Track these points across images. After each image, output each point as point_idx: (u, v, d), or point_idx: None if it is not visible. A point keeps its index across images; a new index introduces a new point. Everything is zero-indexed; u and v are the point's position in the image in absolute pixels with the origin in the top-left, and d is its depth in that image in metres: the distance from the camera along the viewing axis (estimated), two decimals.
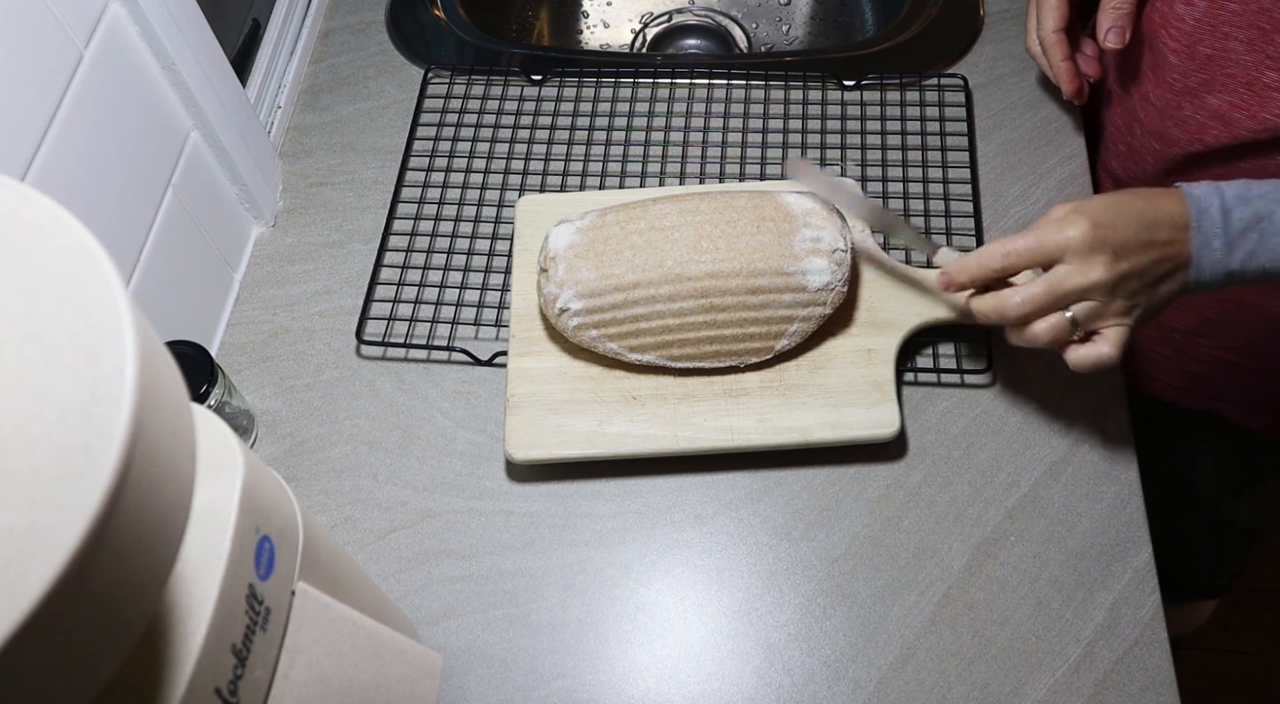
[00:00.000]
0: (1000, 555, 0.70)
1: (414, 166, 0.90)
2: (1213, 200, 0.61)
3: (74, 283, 0.29)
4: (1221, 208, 0.60)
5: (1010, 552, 0.70)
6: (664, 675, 0.67)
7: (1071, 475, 0.73)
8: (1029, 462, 0.73)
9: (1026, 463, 0.73)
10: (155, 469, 0.28)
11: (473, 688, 0.67)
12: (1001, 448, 0.74)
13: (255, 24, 0.92)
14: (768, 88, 0.93)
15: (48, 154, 0.61)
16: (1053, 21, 0.82)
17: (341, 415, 0.78)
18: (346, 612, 0.47)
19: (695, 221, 0.73)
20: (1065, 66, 0.83)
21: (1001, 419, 0.75)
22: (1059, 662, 0.66)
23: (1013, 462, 0.73)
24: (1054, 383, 0.76)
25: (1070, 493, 0.72)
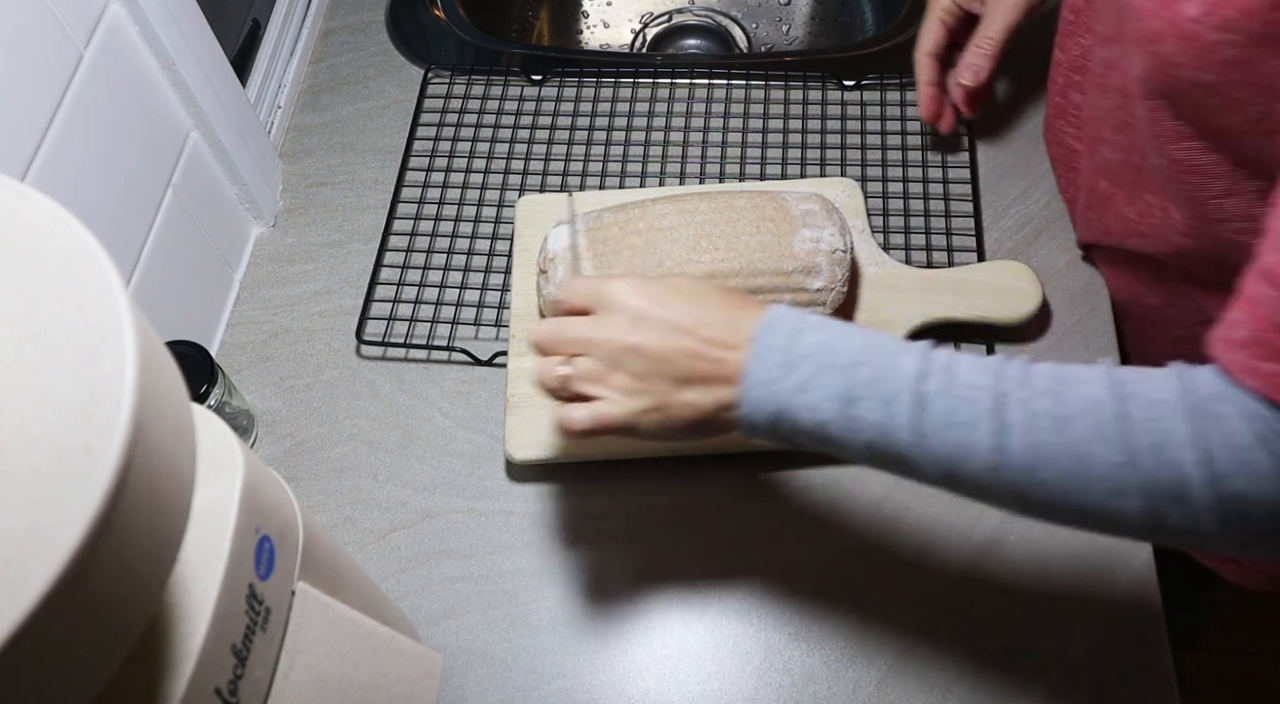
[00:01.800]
0: (1000, 555, 0.70)
1: (414, 166, 0.90)
2: (789, 318, 0.53)
3: (74, 283, 0.29)
4: (795, 328, 0.52)
5: (1010, 552, 0.70)
6: (664, 675, 0.67)
7: None
8: None
9: None
10: (155, 469, 0.28)
11: (473, 688, 0.67)
12: None
13: (255, 24, 0.92)
14: (768, 88, 0.93)
15: (48, 154, 0.61)
16: (925, 44, 0.82)
17: (341, 415, 0.78)
18: (346, 612, 0.47)
19: (695, 222, 0.73)
20: (926, 91, 0.83)
21: None
22: (1059, 662, 0.66)
23: None
24: None
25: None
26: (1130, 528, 0.47)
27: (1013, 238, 0.83)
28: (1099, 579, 0.69)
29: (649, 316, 0.54)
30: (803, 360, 0.51)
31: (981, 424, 0.47)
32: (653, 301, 0.54)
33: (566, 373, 0.55)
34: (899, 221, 0.84)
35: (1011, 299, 0.76)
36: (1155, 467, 0.44)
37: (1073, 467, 0.45)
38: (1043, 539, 0.70)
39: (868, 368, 0.50)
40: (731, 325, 0.53)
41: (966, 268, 0.78)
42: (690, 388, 0.53)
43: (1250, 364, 0.43)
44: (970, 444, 0.47)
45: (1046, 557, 0.70)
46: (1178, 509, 0.44)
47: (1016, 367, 0.48)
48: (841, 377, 0.50)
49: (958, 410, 0.47)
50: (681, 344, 0.53)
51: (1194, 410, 0.44)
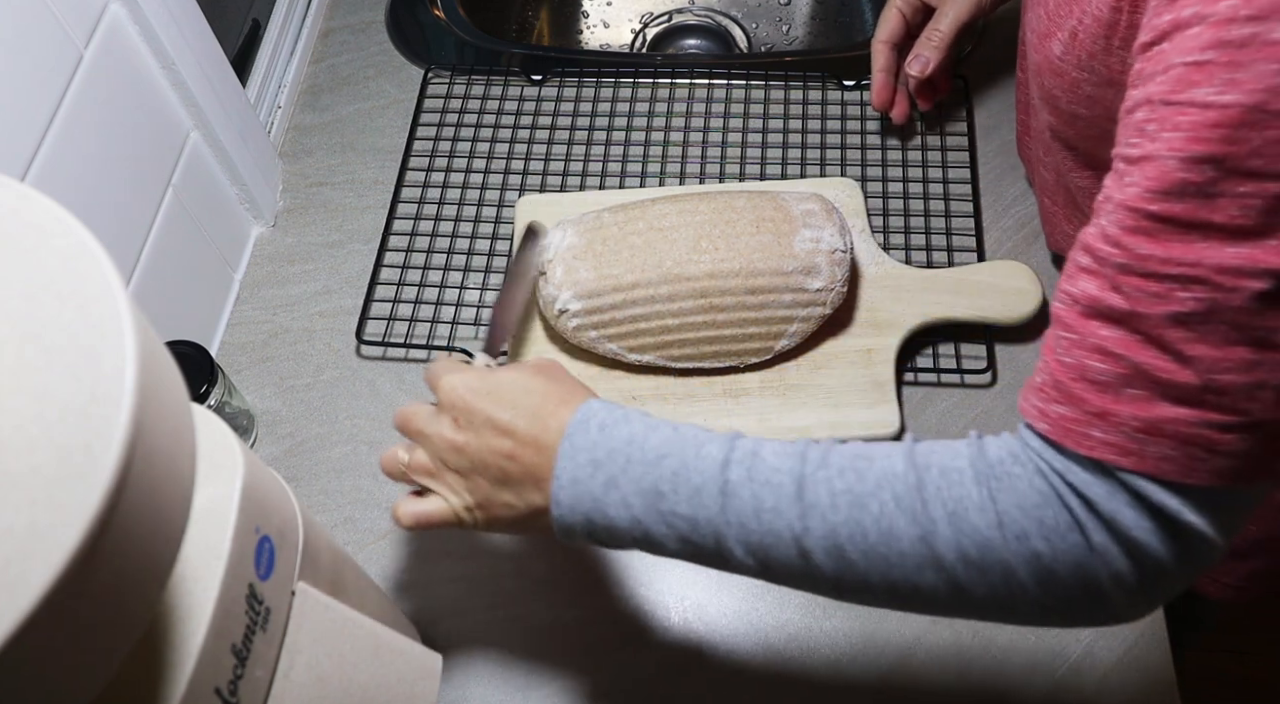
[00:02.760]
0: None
1: (414, 166, 0.90)
2: (599, 413, 0.51)
3: (74, 283, 0.29)
4: (603, 423, 0.51)
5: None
6: (664, 676, 0.67)
7: None
8: None
9: None
10: (155, 469, 0.28)
11: (473, 688, 0.67)
12: None
13: (255, 24, 0.92)
14: (768, 88, 0.93)
15: (48, 154, 0.61)
16: (881, 32, 0.84)
17: (341, 415, 0.78)
18: (346, 612, 0.47)
19: (694, 222, 0.73)
20: (878, 77, 0.85)
21: (1002, 419, 0.75)
22: (1059, 662, 0.66)
23: None
24: None
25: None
26: (940, 603, 0.46)
27: (1013, 238, 0.83)
28: None
29: (472, 416, 0.53)
30: (610, 456, 0.49)
31: (785, 510, 0.46)
32: (478, 399, 0.53)
33: (405, 461, 0.56)
34: (899, 221, 0.84)
35: (1011, 299, 0.76)
36: (955, 534, 0.43)
37: (878, 543, 0.45)
38: None
39: (674, 459, 0.48)
40: (545, 425, 0.51)
41: (966, 268, 0.78)
42: (507, 489, 0.52)
43: (1041, 407, 0.43)
44: (777, 531, 0.46)
45: None
46: (982, 577, 0.43)
47: (820, 447, 0.48)
48: (648, 471, 0.49)
49: (763, 497, 0.47)
50: (498, 445, 0.52)
51: (983, 474, 0.44)
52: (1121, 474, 0.41)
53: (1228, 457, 0.39)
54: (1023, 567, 0.43)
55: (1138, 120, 0.40)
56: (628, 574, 0.71)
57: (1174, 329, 0.38)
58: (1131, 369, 0.40)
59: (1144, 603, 0.44)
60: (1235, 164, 0.36)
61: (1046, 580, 0.43)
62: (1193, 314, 0.38)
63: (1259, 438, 0.39)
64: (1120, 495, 0.41)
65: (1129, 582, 0.42)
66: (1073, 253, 0.43)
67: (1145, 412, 0.40)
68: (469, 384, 0.54)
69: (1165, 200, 0.38)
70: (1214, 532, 0.41)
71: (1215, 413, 0.39)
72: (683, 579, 0.70)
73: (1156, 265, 0.38)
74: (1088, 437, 0.41)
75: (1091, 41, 0.51)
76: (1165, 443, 0.40)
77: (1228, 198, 0.36)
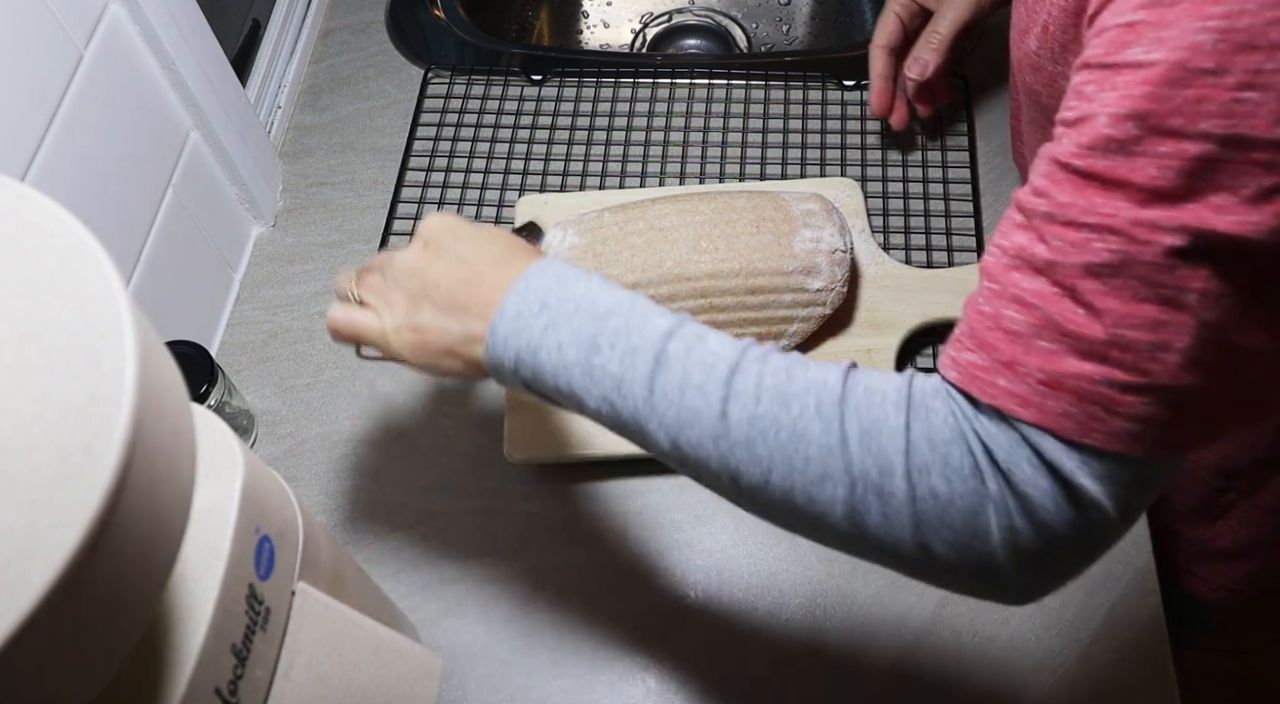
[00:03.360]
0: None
1: (414, 166, 0.90)
2: (562, 267, 0.52)
3: (74, 283, 0.29)
4: (561, 275, 0.51)
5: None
6: (664, 676, 0.67)
7: None
8: None
9: None
10: (155, 469, 0.28)
11: (473, 688, 0.67)
12: None
13: (255, 24, 0.92)
14: (768, 88, 0.93)
15: (48, 154, 0.61)
16: (879, 37, 0.83)
17: (341, 415, 0.78)
18: (346, 612, 0.47)
19: (695, 222, 0.73)
20: (877, 83, 0.84)
21: None
22: (1059, 662, 0.66)
23: None
24: None
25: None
26: (831, 524, 0.45)
27: None
28: (1099, 579, 0.69)
29: (442, 247, 0.54)
30: (560, 302, 0.49)
31: (711, 390, 0.46)
32: (452, 235, 0.54)
33: (350, 277, 0.57)
34: (899, 221, 0.84)
35: None
36: (862, 452, 0.43)
37: (788, 442, 0.44)
38: None
39: (620, 319, 0.48)
40: (510, 265, 0.52)
41: (966, 268, 0.78)
42: (449, 315, 0.52)
43: (954, 356, 0.43)
44: (697, 410, 0.46)
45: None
46: (876, 505, 0.43)
47: (766, 348, 0.47)
48: (591, 322, 0.48)
49: (692, 374, 0.46)
50: (456, 273, 0.53)
51: (908, 401, 0.44)
52: (1021, 426, 0.41)
53: (1127, 419, 0.39)
54: (918, 503, 0.42)
55: (1076, 83, 0.40)
56: (628, 574, 0.71)
57: (1088, 280, 0.39)
58: (1044, 320, 0.40)
59: (1034, 573, 0.43)
60: (1157, 122, 0.36)
61: (938, 522, 0.42)
62: (1106, 265, 0.38)
63: (1160, 404, 0.39)
64: (1020, 450, 0.41)
65: (1021, 541, 0.42)
66: (1007, 211, 0.44)
67: (1051, 364, 0.40)
68: (454, 221, 0.55)
69: (1090, 156, 0.38)
70: (1110, 503, 0.41)
71: (1118, 370, 0.39)
72: (683, 580, 0.71)
73: (1077, 214, 0.39)
74: (993, 385, 0.41)
75: (1061, 32, 0.51)
76: (1066, 397, 0.40)
77: (1148, 157, 0.37)
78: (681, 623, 0.69)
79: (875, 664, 0.67)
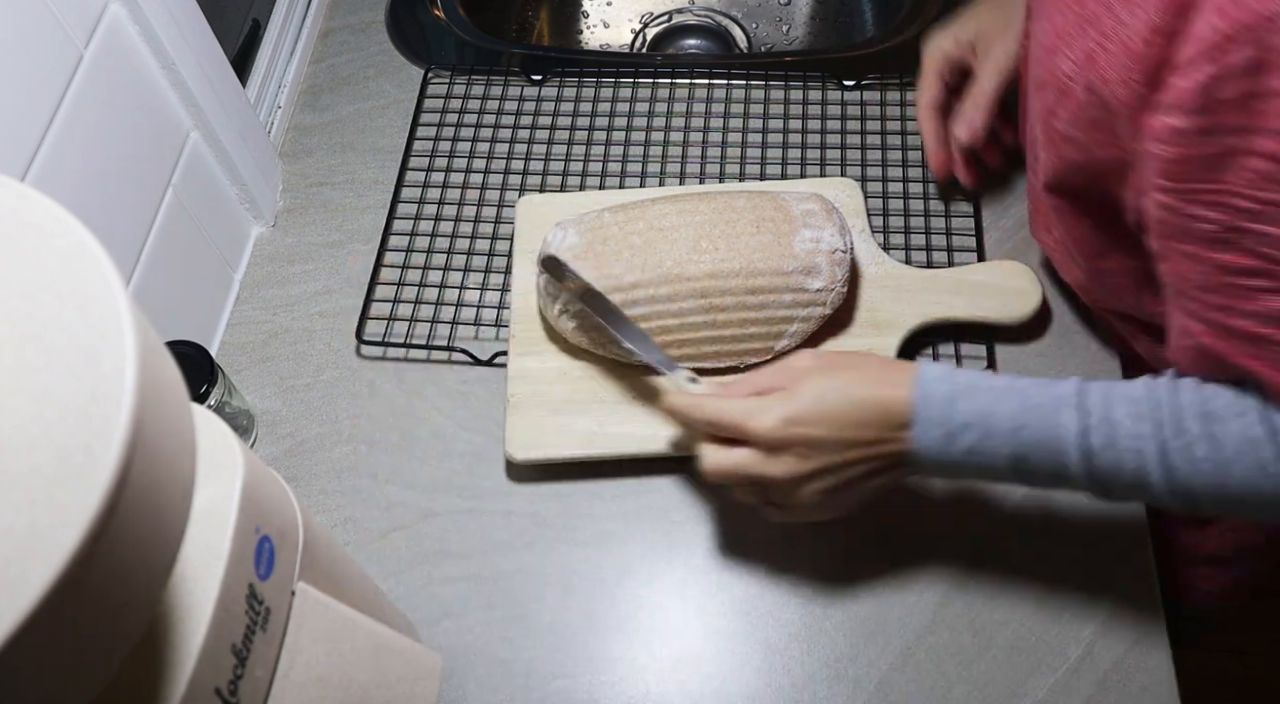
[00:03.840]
0: (1001, 555, 0.70)
1: (414, 166, 0.90)
2: (940, 387, 0.57)
3: (74, 283, 0.29)
4: (948, 396, 0.56)
5: (1011, 551, 0.70)
6: (664, 675, 0.67)
7: None
8: None
9: None
10: (155, 469, 0.28)
11: (473, 688, 0.67)
12: None
13: (255, 24, 0.92)
14: (768, 88, 0.93)
15: (48, 154, 0.61)
16: (924, 98, 0.81)
17: (341, 415, 0.78)
18: (346, 612, 0.47)
19: (694, 222, 0.73)
20: (931, 145, 0.81)
21: None
22: (1059, 662, 0.66)
23: None
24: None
25: (1071, 492, 0.72)
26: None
27: (1013, 238, 0.83)
28: (1099, 579, 0.69)
29: (805, 442, 0.57)
30: (964, 429, 0.56)
31: (1149, 473, 0.52)
32: (798, 427, 0.57)
33: (757, 504, 0.63)
34: (899, 221, 0.84)
35: (1011, 299, 0.76)
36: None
37: (1240, 497, 0.51)
38: (1043, 540, 0.70)
39: (1030, 431, 0.55)
40: (887, 415, 0.57)
41: (966, 268, 0.78)
42: (875, 477, 0.59)
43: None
44: (1141, 487, 0.53)
45: (1047, 557, 0.70)
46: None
47: (1168, 411, 0.52)
48: (1007, 441, 0.55)
49: (1124, 461, 0.53)
50: (851, 454, 0.58)
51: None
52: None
53: None
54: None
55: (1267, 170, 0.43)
56: (628, 574, 0.71)
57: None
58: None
59: None
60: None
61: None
62: None
63: None
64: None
65: None
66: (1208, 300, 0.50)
67: None
68: (787, 417, 0.57)
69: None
70: None
71: None
72: (684, 579, 0.71)
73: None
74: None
75: (1112, 68, 0.50)
76: None
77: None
78: (681, 623, 0.69)
79: (875, 664, 0.67)
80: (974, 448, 0.56)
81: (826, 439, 0.57)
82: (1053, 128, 0.58)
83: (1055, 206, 0.65)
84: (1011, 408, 0.55)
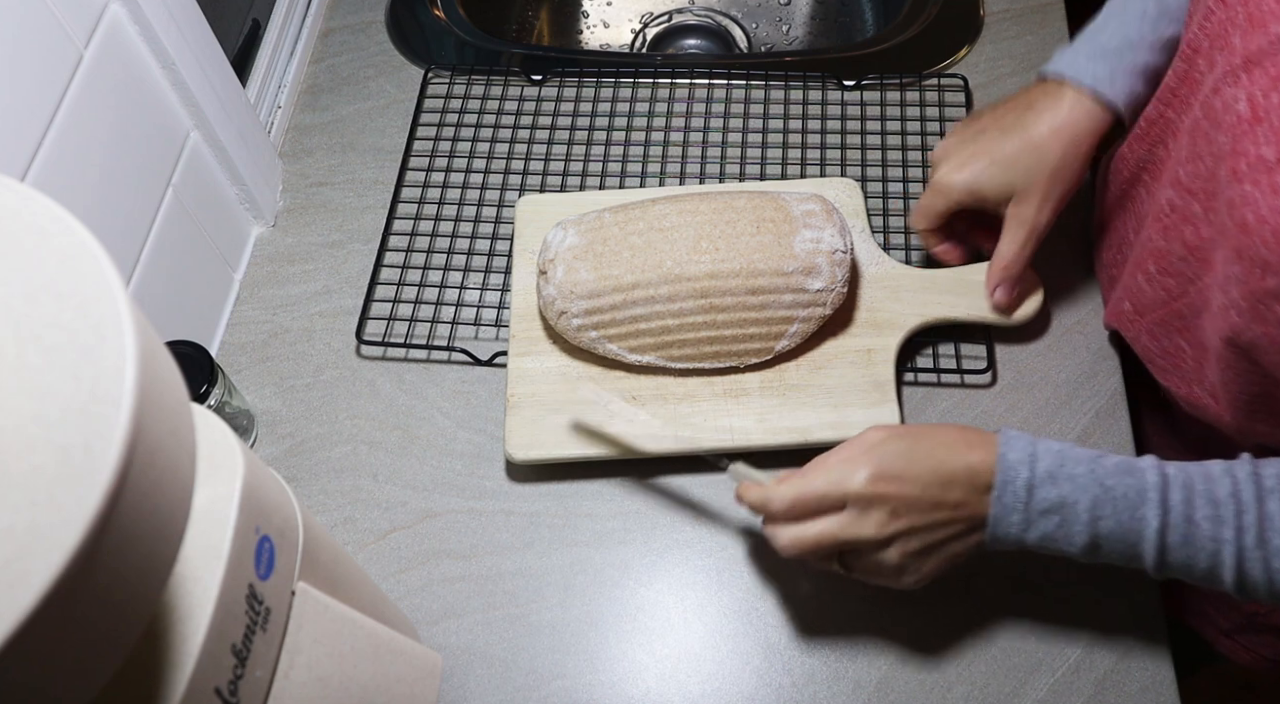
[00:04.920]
0: (1002, 555, 0.70)
1: (414, 166, 0.90)
2: (1020, 473, 0.56)
3: (74, 283, 0.29)
4: (1028, 483, 0.56)
5: (1010, 552, 0.70)
6: (664, 675, 0.67)
7: None
8: None
9: None
10: (155, 469, 0.28)
11: (473, 688, 0.67)
12: None
13: (255, 24, 0.92)
14: (768, 88, 0.93)
15: (48, 154, 0.61)
16: (921, 221, 0.75)
17: (341, 415, 0.78)
18: (346, 612, 0.47)
19: (695, 222, 0.73)
20: (939, 250, 0.77)
21: (1002, 420, 0.75)
22: (1059, 662, 0.66)
23: None
24: (1055, 383, 0.76)
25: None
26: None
27: None
28: (1100, 579, 0.69)
29: (894, 500, 0.57)
30: (1043, 517, 0.56)
31: (1222, 574, 0.54)
32: (887, 484, 0.57)
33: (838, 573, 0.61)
34: (899, 221, 0.84)
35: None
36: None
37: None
38: None
39: (1108, 522, 0.55)
40: (973, 476, 0.57)
41: (966, 268, 0.78)
42: (956, 541, 0.59)
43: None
44: (1209, 581, 0.55)
45: (1046, 557, 0.70)
46: None
47: (1252, 517, 0.53)
48: (1085, 531, 0.56)
49: (1198, 560, 0.54)
50: (936, 516, 0.57)
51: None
52: None
53: None
54: None
55: None
56: (628, 574, 0.71)
57: None
58: None
59: None
60: None
61: None
62: None
63: None
64: None
65: None
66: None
67: None
68: (877, 473, 0.57)
69: None
70: None
71: None
72: (683, 580, 0.71)
73: None
74: None
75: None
76: None
77: None
78: (681, 623, 0.69)
79: (875, 663, 0.67)
80: (1050, 534, 0.57)
81: (916, 497, 0.57)
82: (1270, 310, 0.50)
83: (1226, 358, 0.57)
84: (1091, 498, 0.56)
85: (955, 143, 0.73)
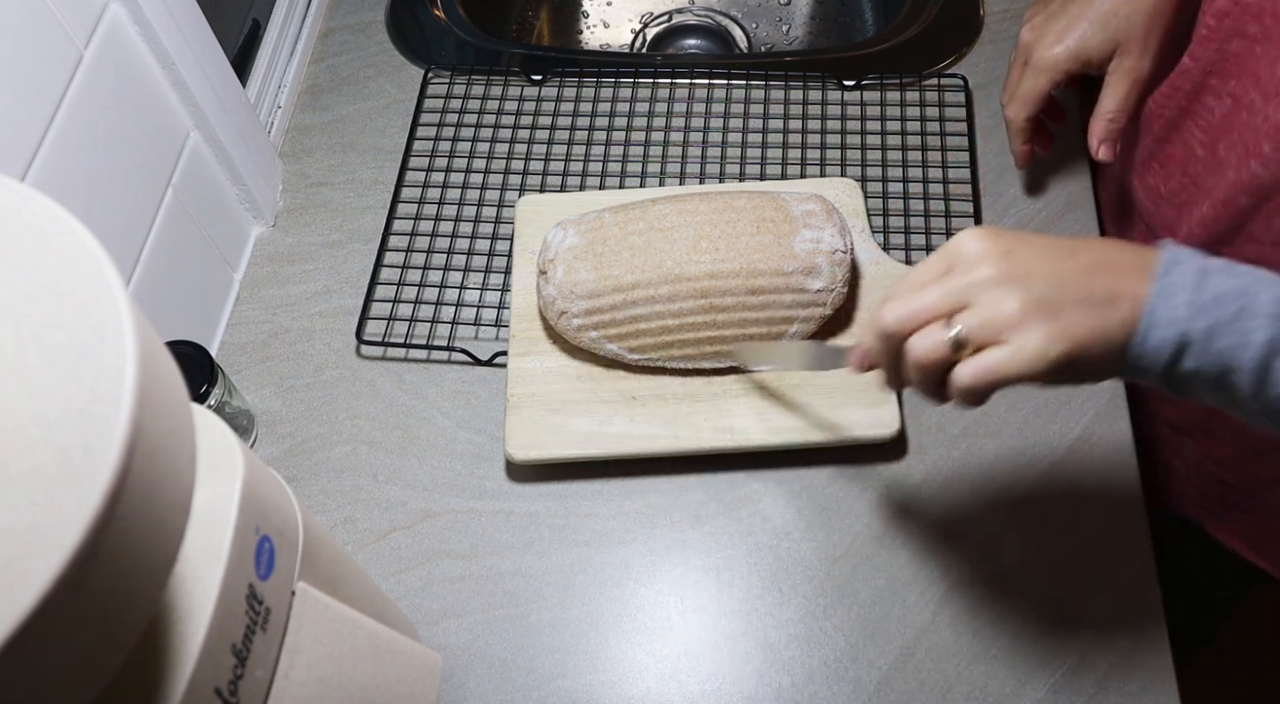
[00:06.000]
0: (1000, 555, 0.70)
1: (414, 166, 0.90)
2: (1193, 258, 0.48)
3: (74, 283, 0.29)
4: (1201, 269, 0.47)
5: (1010, 552, 0.70)
6: (664, 675, 0.67)
7: (1072, 475, 0.73)
8: (1029, 462, 0.73)
9: (1027, 463, 0.73)
10: (155, 469, 0.28)
11: (473, 688, 0.67)
12: (1002, 448, 0.74)
13: (255, 24, 0.92)
14: (768, 88, 0.93)
15: (48, 154, 0.61)
16: (1024, 108, 0.76)
17: (341, 415, 0.78)
18: (346, 612, 0.47)
19: (695, 222, 0.73)
20: (1022, 151, 0.80)
21: (1002, 419, 0.75)
22: (1059, 662, 0.66)
23: (1013, 462, 0.73)
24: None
25: (1070, 493, 0.72)
26: None
27: None
28: (1100, 578, 0.69)
29: (1018, 248, 0.48)
30: (1216, 304, 0.46)
31: None
32: (1013, 238, 0.49)
33: (958, 335, 0.48)
34: (899, 221, 0.84)
35: None
36: None
37: None
38: (1042, 540, 0.70)
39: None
40: (1118, 250, 0.48)
41: None
42: (1095, 308, 0.47)
43: None
44: None
45: (1046, 557, 0.70)
46: None
47: None
48: (1266, 326, 0.45)
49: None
50: (1070, 264, 0.48)
51: None
52: None
53: None
54: None
55: None
56: (628, 574, 0.71)
57: None
58: None
59: None
60: None
61: None
62: None
63: None
64: None
65: None
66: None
67: None
68: (993, 230, 0.49)
69: None
70: None
71: None
72: (683, 579, 0.71)
73: None
74: None
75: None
76: None
77: None
78: (681, 623, 0.69)
79: (875, 663, 0.67)
80: (1221, 327, 0.46)
81: (1034, 244, 0.48)
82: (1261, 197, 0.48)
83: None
84: (1275, 294, 0.46)
85: (1042, 21, 0.73)
